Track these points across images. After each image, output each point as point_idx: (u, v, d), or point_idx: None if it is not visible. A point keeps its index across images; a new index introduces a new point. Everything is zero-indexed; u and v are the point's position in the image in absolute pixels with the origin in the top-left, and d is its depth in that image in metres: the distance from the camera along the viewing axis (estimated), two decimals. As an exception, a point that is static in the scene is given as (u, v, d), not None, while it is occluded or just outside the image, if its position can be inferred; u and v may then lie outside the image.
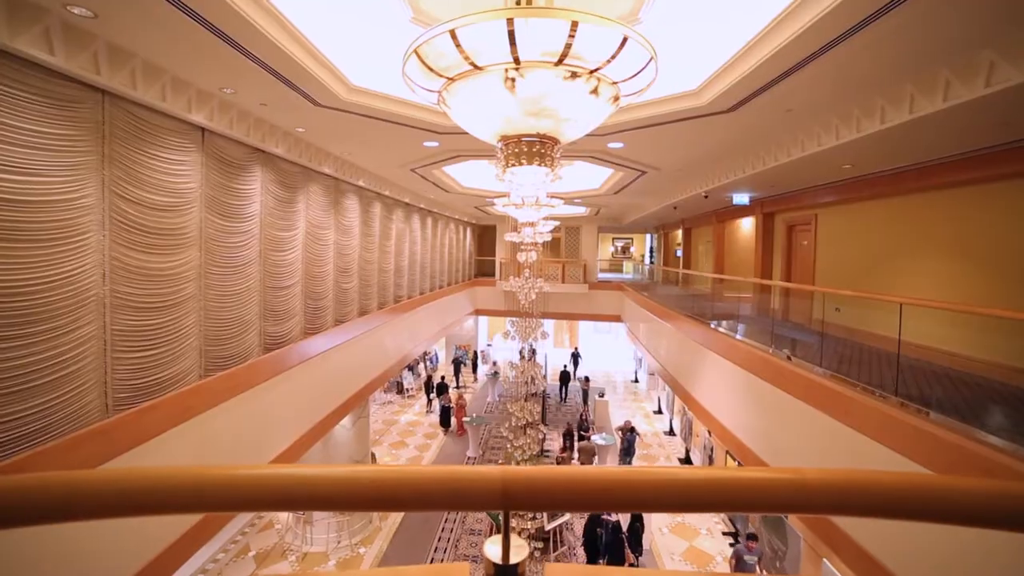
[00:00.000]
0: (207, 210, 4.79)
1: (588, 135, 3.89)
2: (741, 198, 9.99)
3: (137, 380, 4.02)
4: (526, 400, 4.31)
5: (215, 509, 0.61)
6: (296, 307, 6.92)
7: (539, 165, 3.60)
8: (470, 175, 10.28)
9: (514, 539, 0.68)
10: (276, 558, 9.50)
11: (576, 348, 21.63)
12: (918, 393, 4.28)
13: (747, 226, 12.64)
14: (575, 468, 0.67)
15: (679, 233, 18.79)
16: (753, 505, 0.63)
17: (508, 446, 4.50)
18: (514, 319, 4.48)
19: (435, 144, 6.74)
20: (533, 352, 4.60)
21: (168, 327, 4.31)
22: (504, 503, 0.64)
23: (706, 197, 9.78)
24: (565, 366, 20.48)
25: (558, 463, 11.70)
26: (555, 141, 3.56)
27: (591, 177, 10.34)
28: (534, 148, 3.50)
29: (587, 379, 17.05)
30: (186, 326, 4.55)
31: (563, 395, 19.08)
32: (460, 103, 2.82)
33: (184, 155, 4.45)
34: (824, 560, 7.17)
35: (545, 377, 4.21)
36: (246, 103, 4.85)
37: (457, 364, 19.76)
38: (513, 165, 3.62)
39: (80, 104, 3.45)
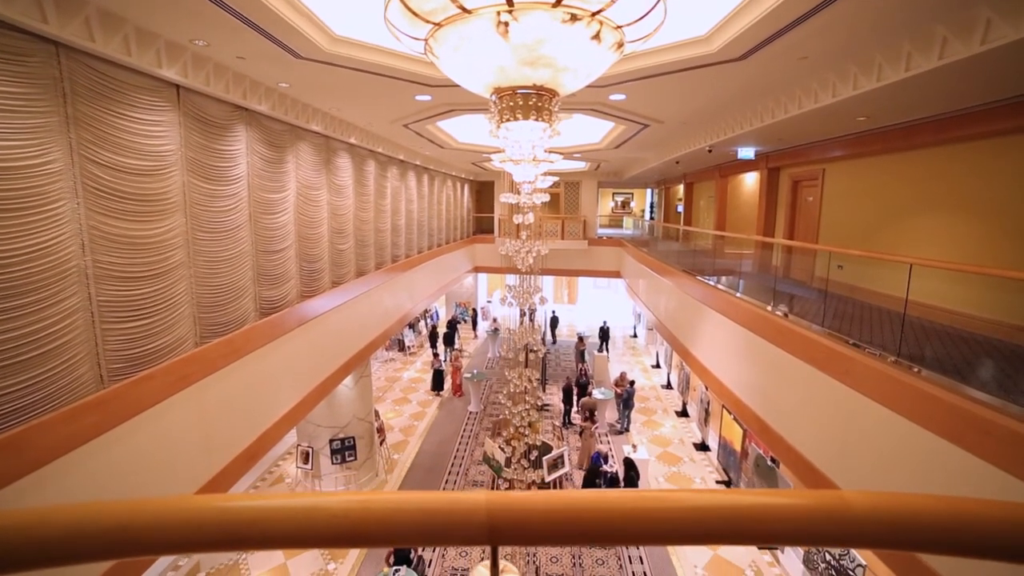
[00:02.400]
0: (189, 173, 4.56)
1: (588, 86, 3.64)
2: (746, 152, 9.66)
3: (130, 351, 3.95)
4: (525, 365, 4.27)
5: (146, 553, 0.52)
6: (291, 270, 6.80)
7: (536, 120, 3.36)
8: (466, 130, 9.89)
9: (504, 566, 0.60)
10: (288, 511, 9.89)
11: (605, 322, 19.19)
12: (920, 352, 4.25)
13: (751, 181, 12.32)
14: (575, 496, 0.57)
15: (680, 188, 18.40)
16: (786, 537, 0.54)
17: (507, 412, 4.51)
18: (511, 284, 4.36)
19: (427, 98, 6.41)
20: (532, 312, 4.51)
21: (158, 296, 4.20)
22: (490, 537, 0.55)
23: (710, 151, 9.45)
24: (554, 312, 20.85)
25: (580, 434, 11.89)
26: (553, 93, 3.33)
27: (591, 131, 9.96)
28: (530, 101, 3.26)
29: (582, 339, 17.11)
30: (177, 294, 4.44)
31: (553, 337, 20.17)
32: (449, 52, 2.59)
33: (159, 115, 4.17)
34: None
35: (543, 340, 4.14)
36: (222, 56, 4.53)
37: (453, 324, 19.83)
38: (508, 120, 3.39)
39: (30, 58, 3.14)
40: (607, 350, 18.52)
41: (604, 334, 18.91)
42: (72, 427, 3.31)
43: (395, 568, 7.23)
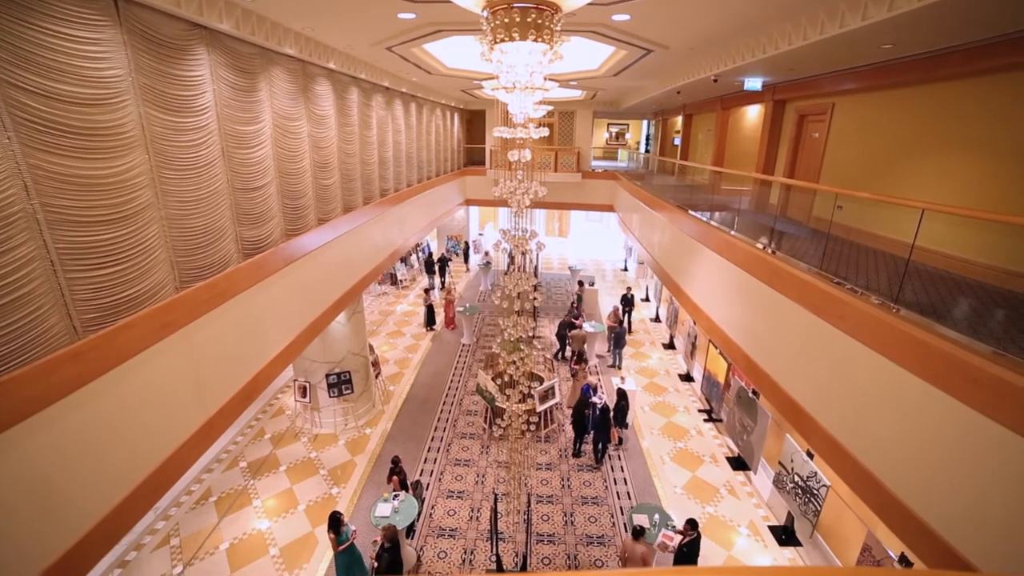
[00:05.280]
0: (146, 103, 4.08)
1: (589, 3, 3.23)
2: (753, 83, 9.06)
3: (103, 299, 3.74)
4: (519, 315, 4.18)
5: None
6: (273, 208, 6.47)
7: (535, 40, 2.97)
8: (455, 54, 9.11)
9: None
10: (290, 440, 10.27)
11: (628, 288, 16.12)
12: (915, 298, 4.19)
13: (753, 114, 11.73)
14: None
15: (679, 120, 17.58)
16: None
17: (501, 361, 4.49)
18: (506, 229, 4.15)
19: (411, 16, 5.76)
20: (524, 254, 4.35)
21: (127, 240, 3.91)
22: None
23: (715, 81, 8.83)
24: (524, 252, 20.75)
25: (573, 376, 12.10)
26: (555, 8, 2.94)
27: (588, 57, 9.22)
28: (529, 18, 2.87)
29: (581, 284, 16.99)
30: (148, 238, 4.16)
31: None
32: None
33: (96, 32, 3.58)
34: (787, 435, 7.86)
35: (537, 287, 3.97)
36: (168, -40, 3.91)
37: (444, 261, 19.70)
38: (502, 41, 3.00)
39: None
40: (629, 326, 15.50)
41: (628, 302, 15.25)
42: (51, 379, 3.19)
43: (395, 493, 7.62)
